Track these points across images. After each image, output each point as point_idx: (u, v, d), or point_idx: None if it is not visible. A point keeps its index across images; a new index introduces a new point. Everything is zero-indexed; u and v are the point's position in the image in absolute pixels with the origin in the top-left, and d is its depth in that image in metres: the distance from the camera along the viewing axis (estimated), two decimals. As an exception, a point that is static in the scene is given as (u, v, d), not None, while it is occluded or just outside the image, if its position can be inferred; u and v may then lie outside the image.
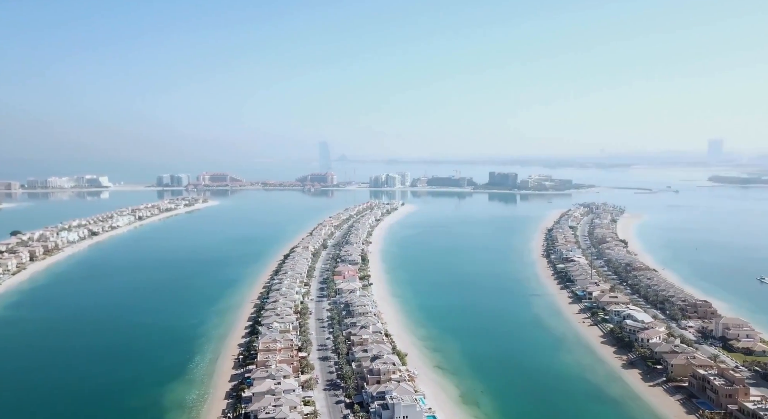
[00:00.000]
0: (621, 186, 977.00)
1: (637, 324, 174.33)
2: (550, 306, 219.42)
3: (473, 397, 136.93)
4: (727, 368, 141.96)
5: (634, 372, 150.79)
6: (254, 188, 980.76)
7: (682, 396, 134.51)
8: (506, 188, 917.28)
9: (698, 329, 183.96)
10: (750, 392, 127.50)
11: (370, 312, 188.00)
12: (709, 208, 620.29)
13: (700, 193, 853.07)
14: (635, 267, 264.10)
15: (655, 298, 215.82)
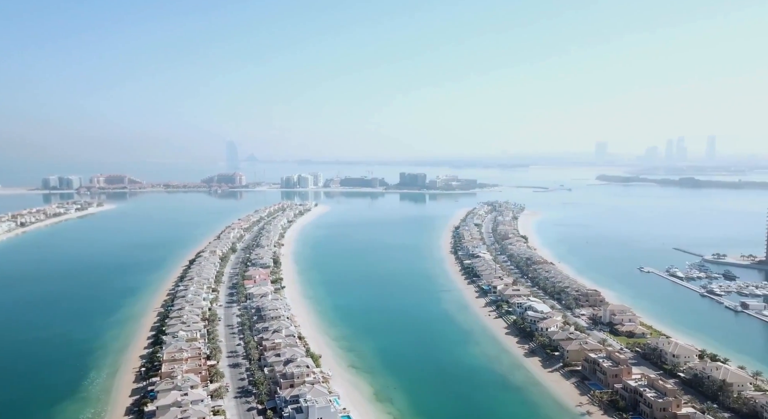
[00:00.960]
0: (521, 185, 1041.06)
1: (537, 315, 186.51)
2: (459, 300, 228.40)
3: (387, 394, 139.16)
4: (614, 351, 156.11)
5: (535, 359, 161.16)
6: (155, 190, 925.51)
7: (577, 379, 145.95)
8: (416, 188, 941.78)
9: (590, 316, 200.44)
10: (632, 371, 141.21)
11: (282, 315, 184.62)
12: (597, 205, 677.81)
13: (589, 191, 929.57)
14: (535, 261, 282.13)
15: (553, 289, 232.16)
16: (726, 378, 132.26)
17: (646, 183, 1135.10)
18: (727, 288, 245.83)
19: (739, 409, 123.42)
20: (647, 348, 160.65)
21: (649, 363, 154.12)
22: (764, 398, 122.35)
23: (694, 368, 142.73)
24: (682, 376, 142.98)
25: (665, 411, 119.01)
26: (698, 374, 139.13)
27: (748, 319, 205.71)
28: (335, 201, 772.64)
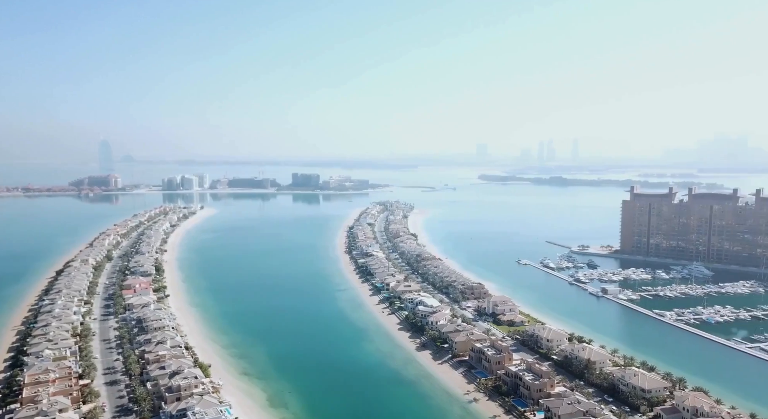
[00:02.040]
0: (410, 185, 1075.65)
1: (428, 309, 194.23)
2: (353, 299, 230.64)
3: (281, 399, 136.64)
4: (497, 339, 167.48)
5: (426, 352, 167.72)
6: (11, 195, 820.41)
7: (465, 369, 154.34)
8: (310, 189, 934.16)
9: (475, 308, 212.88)
10: (513, 357, 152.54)
11: (167, 326, 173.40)
12: (480, 202, 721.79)
13: (472, 190, 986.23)
14: (424, 257, 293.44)
15: (441, 284, 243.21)
16: (590, 358, 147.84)
17: (521, 182, 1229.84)
18: (590, 276, 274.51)
19: (600, 384, 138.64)
20: (525, 335, 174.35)
21: (528, 348, 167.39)
22: (620, 372, 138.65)
23: (564, 350, 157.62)
24: (555, 358, 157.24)
25: (541, 391, 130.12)
26: (568, 355, 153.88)
27: (607, 303, 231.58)
28: (223, 203, 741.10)
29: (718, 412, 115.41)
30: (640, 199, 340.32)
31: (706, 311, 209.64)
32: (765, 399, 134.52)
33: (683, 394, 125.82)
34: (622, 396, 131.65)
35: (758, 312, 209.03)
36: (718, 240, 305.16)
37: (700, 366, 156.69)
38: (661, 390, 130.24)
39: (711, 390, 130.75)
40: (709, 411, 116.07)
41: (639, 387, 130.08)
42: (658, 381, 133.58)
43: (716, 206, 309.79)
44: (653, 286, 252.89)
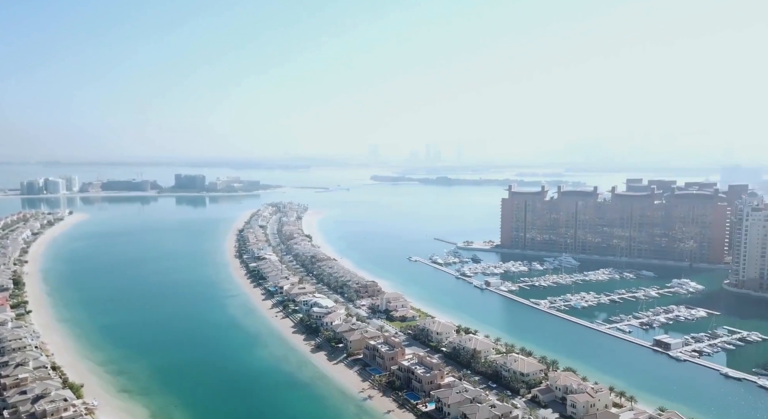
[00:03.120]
0: (304, 185, 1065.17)
1: (322, 310, 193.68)
2: (245, 305, 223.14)
3: (167, 414, 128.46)
4: (390, 335, 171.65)
5: (322, 354, 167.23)
6: None
7: (359, 367, 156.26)
8: (195, 191, 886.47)
9: (369, 306, 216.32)
10: (405, 352, 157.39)
11: (28, 345, 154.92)
12: (372, 203, 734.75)
13: (365, 190, 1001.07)
14: (319, 258, 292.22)
15: (336, 284, 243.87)
16: (476, 347, 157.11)
17: (411, 182, 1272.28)
18: (475, 270, 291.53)
19: (485, 371, 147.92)
20: (417, 329, 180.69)
21: (420, 342, 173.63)
22: (502, 359, 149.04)
23: (453, 342, 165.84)
24: (445, 350, 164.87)
25: (432, 383, 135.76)
26: (456, 347, 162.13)
27: (490, 294, 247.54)
28: (96, 208, 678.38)
29: (584, 388, 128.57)
30: (516, 197, 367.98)
31: (574, 298, 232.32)
32: (620, 373, 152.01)
33: (556, 375, 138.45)
34: (505, 381, 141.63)
35: (615, 296, 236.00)
36: (582, 233, 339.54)
37: (570, 348, 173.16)
38: (537, 373, 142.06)
39: (579, 368, 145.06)
40: (577, 388, 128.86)
41: (519, 372, 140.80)
42: (535, 364, 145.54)
43: (580, 202, 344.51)
44: (530, 277, 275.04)
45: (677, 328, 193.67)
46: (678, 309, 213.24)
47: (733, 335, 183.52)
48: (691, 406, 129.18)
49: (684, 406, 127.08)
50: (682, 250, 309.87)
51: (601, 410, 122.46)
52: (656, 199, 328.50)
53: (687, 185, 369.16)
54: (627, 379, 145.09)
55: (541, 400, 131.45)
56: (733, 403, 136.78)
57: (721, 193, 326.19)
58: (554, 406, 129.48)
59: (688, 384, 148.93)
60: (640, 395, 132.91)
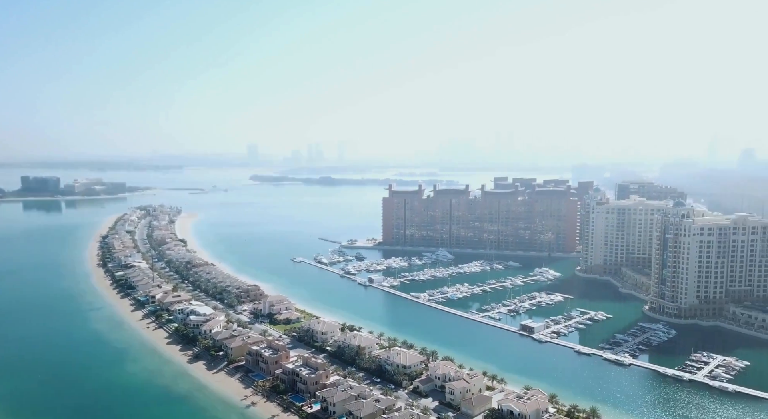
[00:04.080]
0: (176, 187, 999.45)
1: (200, 318, 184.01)
2: (111, 318, 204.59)
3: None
4: (273, 339, 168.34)
5: (200, 364, 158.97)
6: None
7: (241, 374, 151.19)
8: (47, 194, 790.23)
9: (251, 311, 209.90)
10: (289, 354, 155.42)
11: None
12: (253, 204, 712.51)
13: (244, 191, 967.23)
14: (195, 263, 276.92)
15: (215, 290, 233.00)
16: (360, 344, 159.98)
17: (294, 182, 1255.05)
18: (359, 268, 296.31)
19: (369, 367, 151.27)
20: (302, 331, 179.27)
21: (305, 343, 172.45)
22: (385, 353, 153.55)
23: (338, 340, 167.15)
24: (330, 350, 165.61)
25: (317, 383, 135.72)
26: (341, 345, 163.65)
27: (374, 291, 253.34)
28: None
29: (461, 375, 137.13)
30: (396, 196, 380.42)
31: (450, 290, 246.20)
32: (492, 357, 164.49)
33: (435, 365, 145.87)
34: (388, 375, 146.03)
35: (487, 287, 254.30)
36: (456, 228, 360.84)
37: (448, 338, 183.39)
38: (418, 364, 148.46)
39: (456, 357, 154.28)
40: (454, 375, 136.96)
41: (401, 365, 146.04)
42: (416, 356, 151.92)
43: (454, 200, 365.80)
44: (410, 272, 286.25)
45: (539, 313, 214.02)
46: (540, 296, 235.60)
47: (584, 316, 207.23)
48: (551, 382, 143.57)
49: (545, 383, 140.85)
50: (542, 242, 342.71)
51: (476, 394, 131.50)
52: (520, 195, 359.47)
53: (545, 182, 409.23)
54: (498, 363, 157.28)
55: (422, 390, 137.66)
56: (584, 376, 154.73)
57: (572, 189, 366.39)
58: (434, 395, 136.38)
59: (548, 363, 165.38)
60: (509, 376, 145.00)
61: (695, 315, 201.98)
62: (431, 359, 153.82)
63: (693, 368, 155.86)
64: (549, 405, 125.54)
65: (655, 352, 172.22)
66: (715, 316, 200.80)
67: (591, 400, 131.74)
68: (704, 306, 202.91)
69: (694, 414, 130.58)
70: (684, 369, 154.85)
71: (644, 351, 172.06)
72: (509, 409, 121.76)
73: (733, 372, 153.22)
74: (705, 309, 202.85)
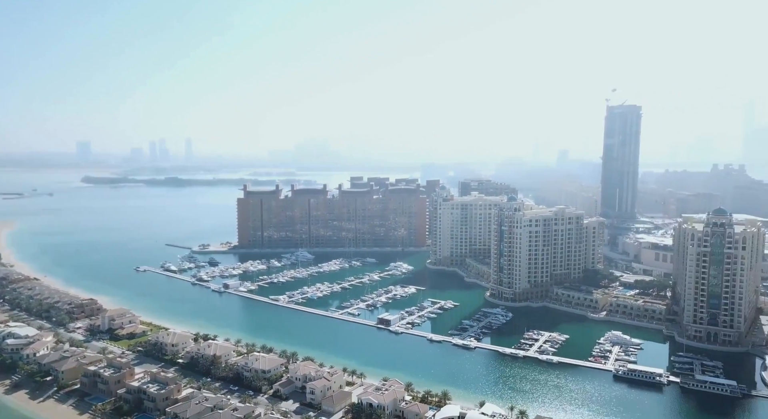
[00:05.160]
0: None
1: (20, 341, 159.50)
2: None
3: None
4: (115, 357, 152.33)
5: (21, 393, 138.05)
6: None
7: (76, 399, 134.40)
8: None
9: (87, 327, 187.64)
10: (135, 371, 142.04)
11: None
12: (86, 209, 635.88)
13: (75, 194, 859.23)
14: (12, 279, 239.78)
15: (39, 308, 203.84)
16: (216, 353, 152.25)
17: (135, 184, 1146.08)
18: (212, 274, 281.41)
19: (226, 376, 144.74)
20: (149, 344, 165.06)
21: (153, 358, 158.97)
22: (243, 360, 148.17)
23: (190, 351, 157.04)
24: (182, 362, 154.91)
25: (168, 399, 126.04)
26: (194, 356, 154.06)
27: (229, 297, 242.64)
28: None
29: (322, 374, 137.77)
30: (252, 196, 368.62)
31: (311, 289, 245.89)
32: (352, 353, 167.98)
33: (295, 366, 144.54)
34: (247, 381, 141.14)
35: (346, 284, 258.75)
36: (315, 228, 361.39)
37: (309, 338, 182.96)
38: (278, 368, 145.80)
39: (317, 356, 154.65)
40: (315, 375, 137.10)
41: (260, 370, 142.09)
42: (275, 360, 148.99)
43: (312, 199, 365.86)
44: (269, 275, 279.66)
45: (395, 305, 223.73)
46: (395, 289, 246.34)
47: (434, 305, 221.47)
48: (407, 371, 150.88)
49: (402, 373, 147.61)
50: (396, 237, 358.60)
51: (337, 391, 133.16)
52: (375, 194, 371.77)
53: (397, 181, 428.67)
54: (358, 358, 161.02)
55: (282, 393, 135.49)
56: (436, 362, 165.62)
57: (422, 188, 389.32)
58: (295, 396, 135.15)
59: (405, 353, 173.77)
60: (369, 370, 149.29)
61: (527, 298, 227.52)
62: (291, 361, 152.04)
63: (526, 345, 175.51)
64: (405, 393, 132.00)
65: (495, 334, 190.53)
66: (543, 298, 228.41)
67: (443, 384, 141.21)
68: (534, 290, 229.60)
69: (528, 387, 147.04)
70: (519, 347, 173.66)
71: (487, 334, 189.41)
72: (368, 402, 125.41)
73: (557, 345, 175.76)
74: (535, 292, 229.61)
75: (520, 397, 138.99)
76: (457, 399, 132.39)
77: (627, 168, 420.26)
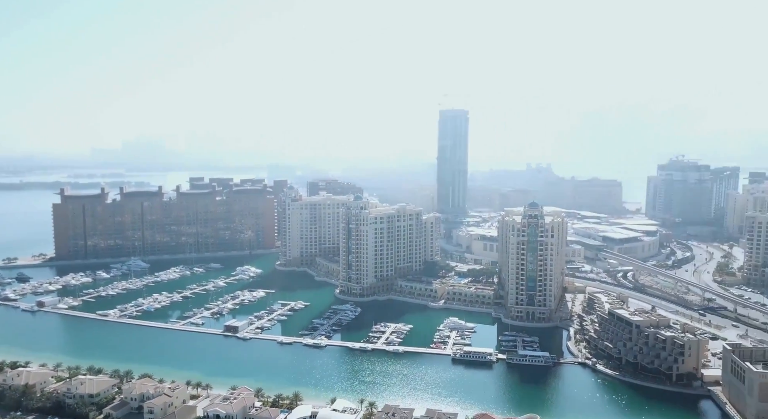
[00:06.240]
0: None
1: None
2: None
3: None
4: None
5: None
6: None
7: None
8: None
9: None
10: None
11: None
12: None
13: None
14: None
15: None
16: (28, 382, 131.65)
17: None
18: (22, 291, 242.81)
19: (43, 406, 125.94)
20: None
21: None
22: (65, 386, 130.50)
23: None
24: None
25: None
26: (1, 386, 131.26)
27: (46, 317, 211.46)
28: None
29: (162, 390, 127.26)
30: (72, 201, 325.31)
31: (146, 301, 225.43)
32: (197, 365, 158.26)
33: (130, 385, 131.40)
34: (70, 409, 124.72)
35: (188, 292, 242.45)
36: (151, 233, 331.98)
37: (146, 354, 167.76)
38: (109, 390, 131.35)
39: (156, 372, 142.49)
40: (154, 392, 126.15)
41: (87, 394, 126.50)
42: (105, 381, 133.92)
43: (146, 203, 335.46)
44: (95, 288, 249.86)
45: (243, 311, 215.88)
46: (243, 294, 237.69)
47: (285, 307, 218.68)
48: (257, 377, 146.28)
49: (252, 379, 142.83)
50: (242, 240, 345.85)
51: (180, 407, 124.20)
52: (218, 195, 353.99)
53: (242, 182, 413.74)
54: (203, 369, 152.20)
55: (114, 417, 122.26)
56: (287, 364, 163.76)
57: (269, 188, 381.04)
58: (132, 418, 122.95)
59: (254, 359, 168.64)
60: (216, 380, 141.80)
61: (374, 293, 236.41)
62: (125, 380, 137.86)
63: (374, 338, 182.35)
64: (255, 400, 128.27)
65: (345, 330, 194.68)
66: (389, 291, 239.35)
67: (295, 386, 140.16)
68: (380, 284, 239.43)
69: (377, 379, 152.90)
70: (367, 341, 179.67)
71: (337, 331, 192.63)
72: (215, 413, 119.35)
73: (402, 335, 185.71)
74: (381, 286, 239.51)
75: (370, 390, 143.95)
76: (308, 399, 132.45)
77: (458, 167, 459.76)
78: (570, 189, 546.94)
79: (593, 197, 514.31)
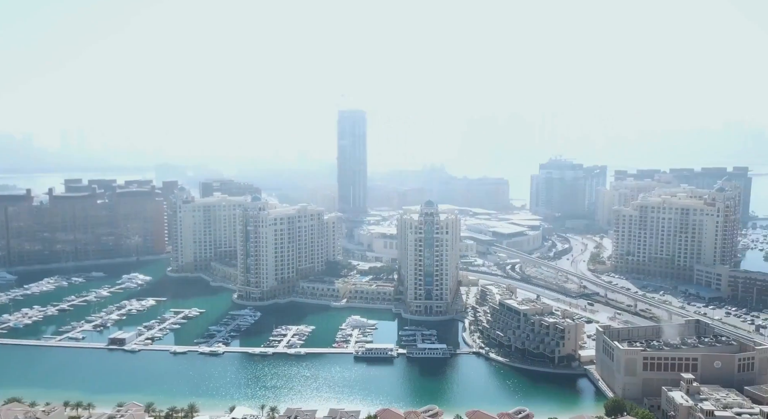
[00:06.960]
0: None
1: None
2: None
3: None
4: None
5: None
6: None
7: None
8: None
9: None
10: None
11: None
12: None
13: None
14: None
15: None
16: None
17: None
18: None
19: None
20: None
21: None
22: None
23: None
24: None
25: None
26: None
27: None
28: None
29: (34, 414, 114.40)
30: None
31: (14, 317, 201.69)
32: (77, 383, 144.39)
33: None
34: None
35: (65, 305, 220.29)
36: (18, 242, 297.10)
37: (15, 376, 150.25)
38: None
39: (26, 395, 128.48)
40: (24, 418, 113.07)
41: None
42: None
43: (11, 208, 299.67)
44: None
45: (131, 322, 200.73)
46: (130, 303, 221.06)
47: (178, 315, 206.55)
48: (148, 391, 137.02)
49: (142, 393, 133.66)
50: (129, 246, 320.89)
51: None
52: (99, 198, 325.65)
53: (127, 183, 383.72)
54: (84, 387, 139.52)
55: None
56: (181, 375, 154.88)
57: (157, 189, 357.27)
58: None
59: (144, 371, 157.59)
60: (100, 398, 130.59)
61: (275, 296, 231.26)
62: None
63: (275, 342, 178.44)
64: (146, 415, 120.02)
65: (245, 336, 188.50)
66: (290, 293, 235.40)
67: (190, 397, 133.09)
68: (281, 286, 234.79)
69: (279, 382, 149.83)
70: (268, 345, 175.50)
71: (236, 337, 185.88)
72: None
73: (304, 337, 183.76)
74: (282, 288, 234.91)
75: (272, 394, 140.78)
76: (205, 410, 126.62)
77: (358, 167, 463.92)
78: (462, 187, 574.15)
79: (483, 195, 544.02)
